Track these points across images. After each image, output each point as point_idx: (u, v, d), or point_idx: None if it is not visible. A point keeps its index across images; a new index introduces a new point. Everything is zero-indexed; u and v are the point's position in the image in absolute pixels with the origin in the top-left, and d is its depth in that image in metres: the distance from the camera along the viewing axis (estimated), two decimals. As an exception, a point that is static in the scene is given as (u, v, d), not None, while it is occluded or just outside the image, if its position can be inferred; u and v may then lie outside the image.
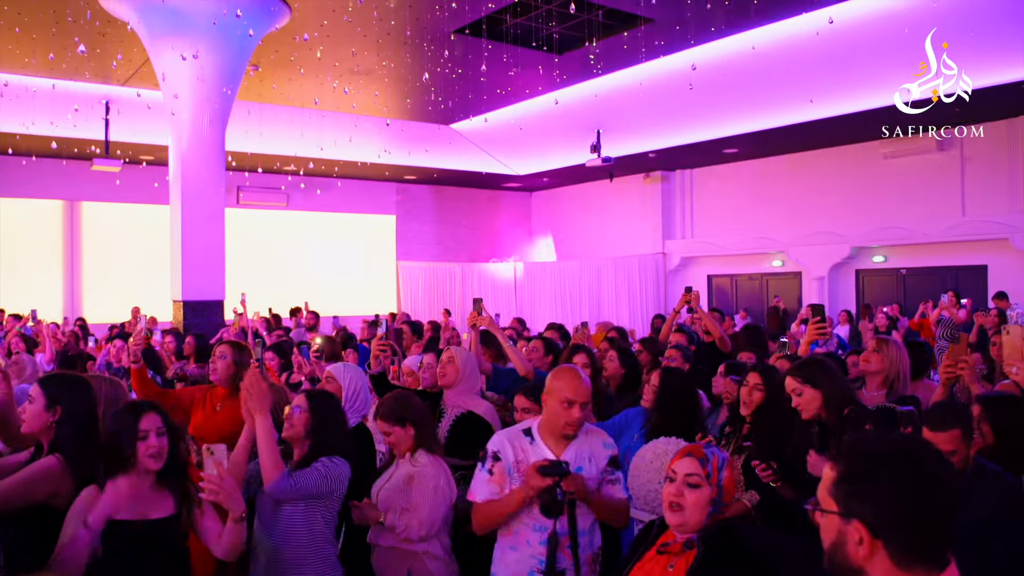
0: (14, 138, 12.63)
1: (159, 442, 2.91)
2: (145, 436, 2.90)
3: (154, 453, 2.90)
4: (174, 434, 3.01)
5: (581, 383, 3.09)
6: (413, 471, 3.61)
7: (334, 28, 10.45)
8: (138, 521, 2.86)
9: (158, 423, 2.94)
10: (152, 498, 2.92)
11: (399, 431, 3.67)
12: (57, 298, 15.69)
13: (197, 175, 9.85)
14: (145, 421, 2.92)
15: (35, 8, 9.51)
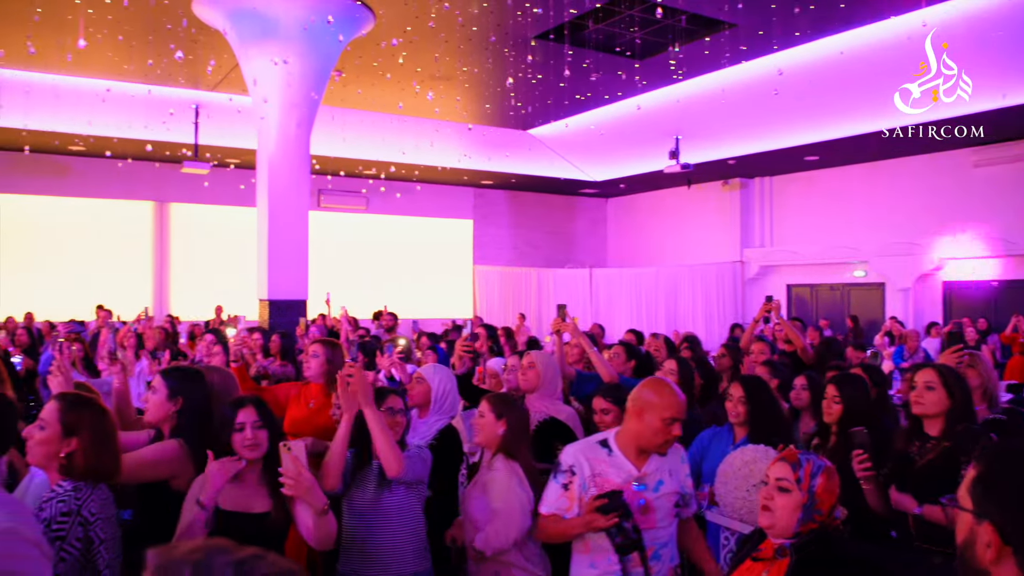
0: (112, 141, 13.15)
1: (255, 435, 2.99)
2: (242, 428, 2.99)
3: (249, 444, 2.97)
4: (272, 428, 3.08)
5: (682, 400, 3.00)
6: (488, 478, 3.62)
7: (417, 34, 10.60)
8: (240, 513, 2.94)
9: (254, 416, 3.01)
10: (255, 492, 2.99)
11: (492, 421, 3.68)
12: (146, 296, 16.24)
13: (283, 178, 10.10)
14: (242, 414, 3.01)
15: (134, 17, 9.88)
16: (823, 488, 2.41)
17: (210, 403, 3.43)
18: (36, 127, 12.69)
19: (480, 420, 3.67)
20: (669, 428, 2.94)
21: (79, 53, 10.27)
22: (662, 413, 2.94)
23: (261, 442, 3.00)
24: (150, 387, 3.46)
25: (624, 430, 3.06)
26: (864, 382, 4.21)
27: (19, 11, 9.55)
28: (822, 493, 2.41)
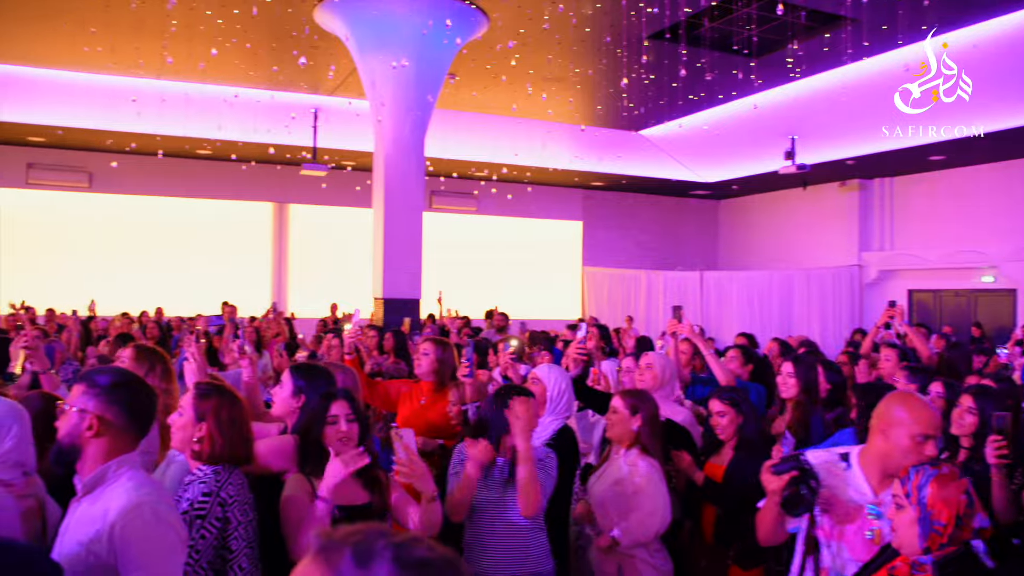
0: (237, 145, 13.73)
1: (348, 428, 3.03)
2: (335, 420, 3.03)
3: (343, 437, 3.01)
4: (364, 423, 3.12)
5: (935, 414, 2.71)
6: (625, 473, 3.61)
7: (531, 36, 10.66)
8: (345, 505, 2.97)
9: (347, 410, 3.06)
10: (352, 484, 3.00)
11: (626, 416, 3.65)
12: (265, 294, 16.86)
13: (398, 180, 10.33)
14: (336, 407, 3.06)
15: (260, 26, 10.30)
16: (935, 498, 2.25)
17: None
18: (169, 132, 13.39)
19: (613, 416, 3.67)
20: (920, 447, 2.63)
21: (210, 61, 10.77)
22: (911, 429, 2.65)
23: (354, 436, 3.04)
24: (278, 382, 3.57)
25: (868, 449, 2.79)
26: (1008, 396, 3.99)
27: (157, 24, 10.08)
28: (935, 503, 2.25)
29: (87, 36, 10.86)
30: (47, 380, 4.25)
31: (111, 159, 14.82)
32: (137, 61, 11.60)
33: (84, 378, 2.30)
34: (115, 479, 2.22)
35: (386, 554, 0.92)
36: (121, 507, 2.13)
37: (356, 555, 0.91)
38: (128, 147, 14.47)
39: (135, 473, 2.27)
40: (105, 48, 11.09)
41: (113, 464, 2.23)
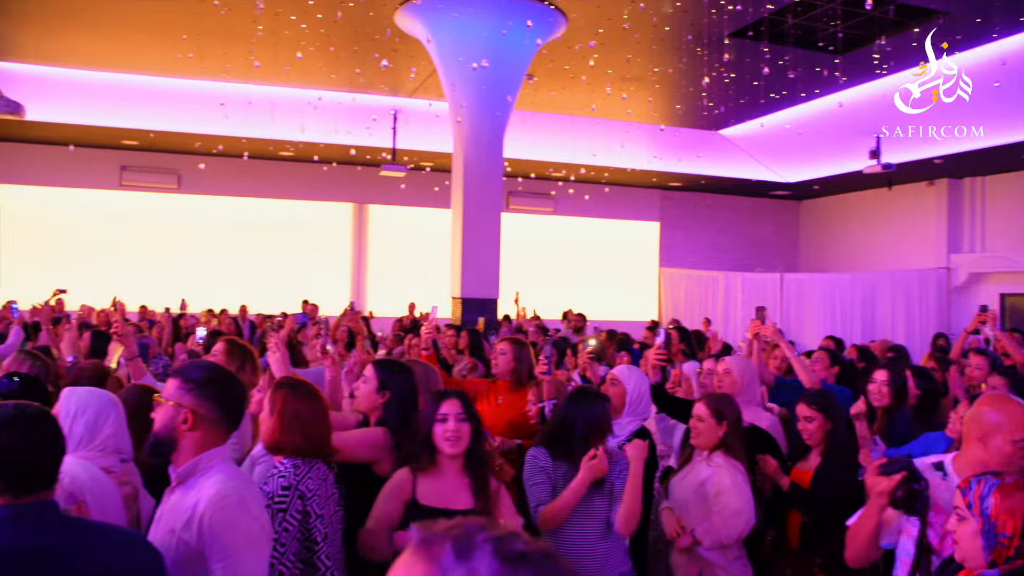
0: (319, 147, 14.02)
1: (457, 427, 2.99)
2: (444, 419, 3.00)
3: (451, 437, 2.98)
4: (475, 423, 3.07)
5: None
6: (708, 475, 3.57)
7: (610, 35, 10.62)
8: (441, 509, 2.92)
9: (459, 409, 3.02)
10: (457, 488, 2.99)
11: (713, 425, 3.61)
12: (344, 293, 17.17)
13: (477, 180, 10.41)
14: (447, 405, 3.02)
15: (343, 30, 10.51)
16: (998, 508, 2.12)
17: (416, 397, 3.51)
18: (254, 135, 13.77)
19: (700, 424, 3.63)
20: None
21: (295, 65, 11.03)
22: (1012, 434, 2.52)
23: (463, 436, 3.00)
24: (362, 377, 3.62)
25: (965, 457, 2.66)
26: None
27: (244, 30, 10.36)
28: (999, 514, 2.12)
29: (178, 43, 11.24)
30: (134, 367, 4.41)
31: (199, 161, 15.31)
32: (224, 66, 11.95)
33: (179, 373, 2.38)
34: (207, 471, 2.29)
35: (487, 547, 0.92)
36: (210, 497, 2.21)
37: (456, 548, 0.91)
38: (215, 149, 14.91)
39: (226, 466, 2.35)
40: (195, 54, 11.47)
41: (205, 456, 2.30)
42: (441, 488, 3.00)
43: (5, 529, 1.78)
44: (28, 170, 15.89)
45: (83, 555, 1.84)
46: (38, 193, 16.07)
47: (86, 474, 2.45)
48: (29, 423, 1.87)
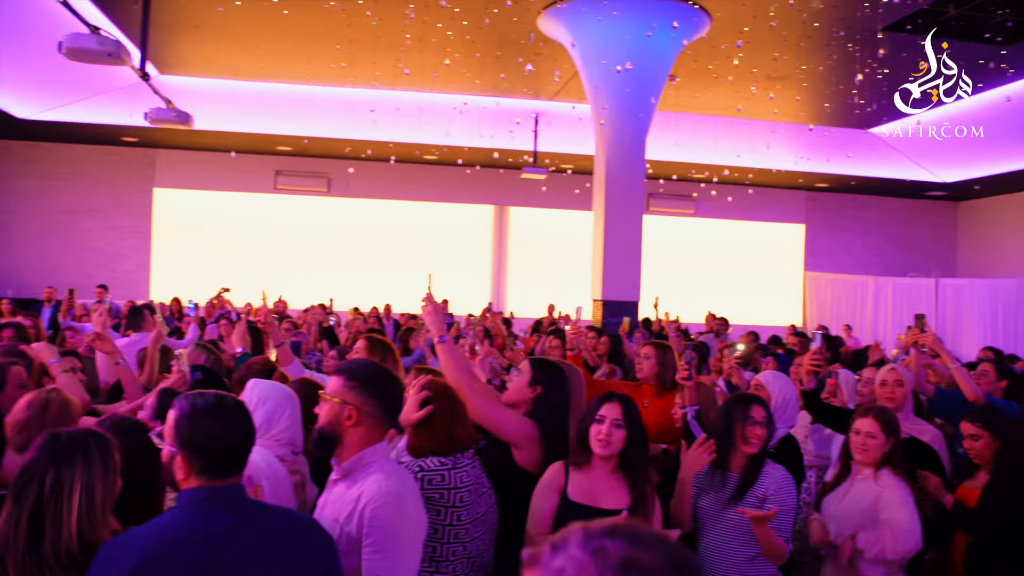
0: (463, 150, 14.35)
1: (610, 432, 2.99)
2: (601, 421, 3.02)
3: (602, 439, 2.99)
4: (634, 430, 3.05)
5: None
6: (877, 493, 3.43)
7: (755, 34, 10.38)
8: (587, 506, 2.96)
9: (617, 414, 3.01)
10: (607, 487, 3.00)
11: (882, 441, 3.48)
12: (485, 294, 17.47)
13: (619, 182, 10.40)
14: (607, 408, 3.03)
15: (488, 36, 10.71)
16: None
17: (567, 398, 3.52)
18: (401, 139, 14.23)
19: (870, 440, 3.49)
20: None
21: (442, 71, 11.33)
22: None
23: (614, 441, 3.00)
24: (517, 369, 3.68)
25: None
26: None
27: (393, 38, 10.73)
28: None
29: (331, 54, 11.76)
30: (281, 353, 4.65)
31: (348, 165, 15.96)
32: (374, 74, 12.40)
33: (343, 371, 2.50)
34: (369, 466, 2.41)
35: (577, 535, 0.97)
36: (373, 493, 2.33)
37: (552, 545, 0.97)
38: (364, 154, 15.49)
39: (387, 462, 2.47)
40: (347, 63, 11.96)
41: (368, 452, 2.43)
42: (590, 486, 3.02)
43: (200, 509, 1.93)
44: (193, 175, 17.02)
45: (266, 536, 1.97)
46: (201, 197, 17.17)
47: (263, 461, 2.63)
48: (227, 412, 2.02)
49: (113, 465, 2.10)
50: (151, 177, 17.10)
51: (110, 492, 2.07)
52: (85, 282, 14.95)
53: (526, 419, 3.36)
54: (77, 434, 2.11)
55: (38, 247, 16.59)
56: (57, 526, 1.96)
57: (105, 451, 2.09)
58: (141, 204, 17.10)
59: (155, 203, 17.17)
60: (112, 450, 2.12)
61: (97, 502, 2.02)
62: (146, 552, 1.82)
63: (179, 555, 1.84)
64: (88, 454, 2.04)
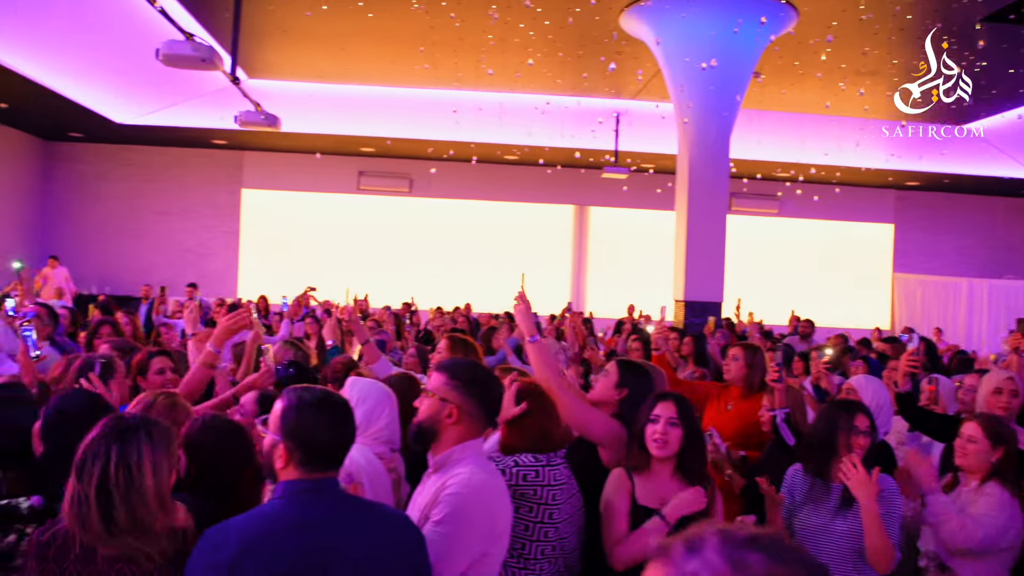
0: (544, 150, 14.36)
1: (666, 431, 2.94)
2: (656, 420, 2.97)
3: (658, 439, 2.95)
4: (689, 428, 3.00)
5: None
6: (969, 499, 3.29)
7: (844, 28, 10.11)
8: (655, 509, 2.92)
9: (672, 412, 2.97)
10: (671, 490, 2.95)
11: (987, 448, 3.32)
12: (564, 293, 17.45)
13: (702, 182, 10.26)
14: (661, 407, 2.99)
15: (570, 35, 10.70)
16: None
17: None
18: (483, 140, 14.33)
19: (971, 445, 3.33)
20: None
21: (525, 71, 11.36)
22: None
23: (671, 440, 2.95)
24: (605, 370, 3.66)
25: None
26: None
27: (475, 39, 10.81)
28: None
29: (414, 55, 11.91)
30: (368, 351, 4.71)
31: (430, 166, 16.15)
32: (456, 75, 12.52)
33: (446, 369, 2.53)
34: (460, 461, 2.43)
35: (714, 538, 0.94)
36: (455, 482, 2.36)
37: (687, 545, 0.94)
38: (446, 154, 15.65)
39: (478, 458, 2.49)
40: (430, 64, 12.09)
41: (459, 448, 2.45)
42: (656, 489, 2.99)
43: (298, 500, 1.98)
44: (280, 176, 17.48)
45: (360, 529, 2.01)
46: (287, 197, 17.61)
47: (363, 458, 2.68)
48: (332, 408, 2.07)
49: (172, 450, 2.15)
50: (239, 178, 17.62)
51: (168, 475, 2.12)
52: (177, 280, 15.49)
53: (614, 420, 3.34)
54: (137, 417, 2.19)
55: (133, 246, 17.27)
56: (128, 500, 2.02)
57: (164, 435, 2.15)
58: (230, 205, 17.64)
59: (243, 203, 17.68)
60: (171, 436, 2.18)
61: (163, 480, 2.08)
62: (246, 540, 1.87)
63: (277, 544, 1.89)
64: (150, 434, 2.10)
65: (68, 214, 17.46)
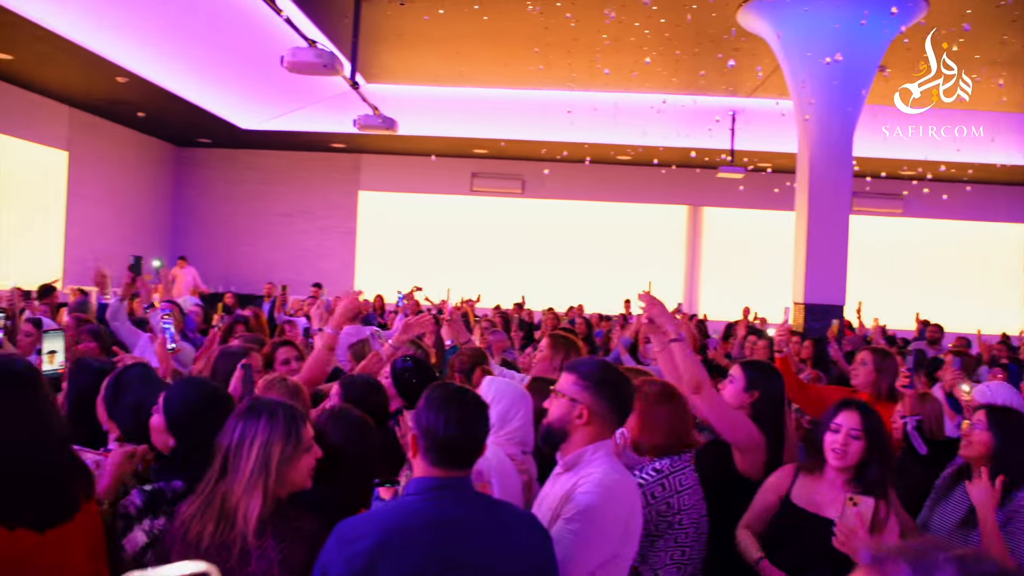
0: (658, 150, 14.21)
1: (847, 441, 2.86)
2: (837, 430, 2.89)
3: (837, 450, 2.86)
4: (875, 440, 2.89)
5: None
6: None
7: (979, 16, 9.62)
8: (811, 513, 2.87)
9: (855, 423, 2.87)
10: (834, 498, 2.85)
11: None
12: (677, 295, 17.20)
13: (824, 180, 9.95)
14: (842, 416, 2.91)
15: (686, 33, 10.53)
16: None
17: (784, 398, 3.47)
18: (596, 140, 14.28)
19: None
20: None
21: (642, 69, 11.24)
22: None
23: (851, 452, 2.86)
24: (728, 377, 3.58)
25: None
26: None
27: (590, 39, 10.77)
28: None
29: (529, 56, 11.96)
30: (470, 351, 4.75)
31: (543, 167, 16.19)
32: (570, 75, 12.50)
33: (576, 370, 2.50)
34: (592, 462, 2.40)
35: (949, 568, 0.86)
36: (588, 482, 2.33)
37: (915, 568, 0.87)
38: (560, 155, 15.66)
39: (610, 459, 2.45)
40: (544, 65, 12.12)
41: (590, 448, 2.42)
42: (816, 493, 2.91)
43: (430, 498, 2.01)
44: (395, 178, 17.89)
45: (490, 528, 2.03)
46: (402, 199, 18.00)
47: (495, 458, 2.70)
48: (463, 405, 2.09)
49: (298, 435, 2.19)
50: (356, 180, 18.11)
51: (288, 459, 2.16)
52: (297, 279, 16.04)
53: (757, 433, 3.26)
54: (271, 401, 2.27)
55: (257, 247, 17.99)
56: (234, 473, 2.12)
57: (292, 420, 2.20)
58: (347, 206, 18.16)
59: (359, 205, 18.16)
60: (300, 423, 2.22)
61: (273, 462, 2.12)
62: (381, 534, 1.92)
63: (410, 540, 1.93)
64: (274, 418, 2.16)
65: (196, 216, 18.33)
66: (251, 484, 2.09)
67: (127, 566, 2.13)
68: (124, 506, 2.27)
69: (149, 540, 2.22)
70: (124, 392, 2.70)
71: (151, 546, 2.21)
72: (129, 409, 2.67)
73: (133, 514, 2.24)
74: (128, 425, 2.67)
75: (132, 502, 2.27)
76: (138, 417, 2.61)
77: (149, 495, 2.29)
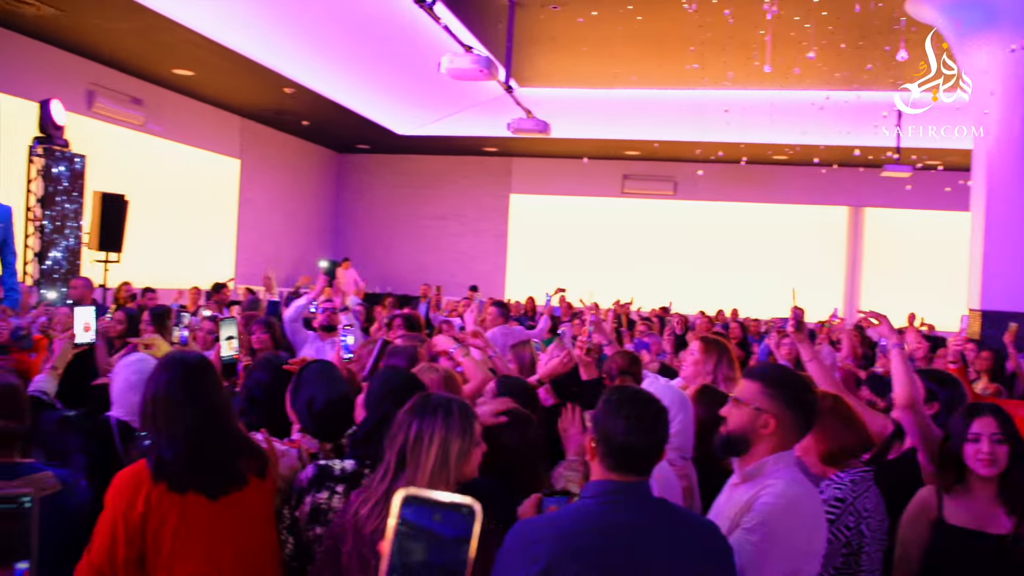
0: (818, 149, 13.70)
1: (992, 449, 2.69)
2: (976, 439, 2.72)
3: (985, 458, 2.69)
4: (1017, 443, 2.74)
5: None
6: None
7: None
8: (973, 531, 2.72)
9: (994, 428, 2.71)
10: (988, 510, 2.72)
11: None
12: (837, 298, 16.49)
13: (1004, 178, 9.31)
14: (978, 424, 2.73)
15: (847, 25, 10.09)
16: None
17: None
18: (753, 140, 13.90)
19: None
20: None
21: (804, 65, 10.84)
22: None
23: (999, 458, 2.69)
24: None
25: None
26: None
27: (746, 37, 10.49)
28: None
29: (684, 55, 11.77)
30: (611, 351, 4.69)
31: (695, 168, 15.92)
32: (726, 73, 12.21)
33: (759, 377, 2.43)
34: (774, 473, 2.32)
35: None
36: (770, 492, 2.25)
37: None
38: (714, 156, 15.35)
39: (793, 470, 2.36)
40: (700, 64, 11.90)
41: (773, 459, 2.34)
42: (972, 508, 2.74)
43: (606, 502, 2.00)
44: (546, 181, 18.03)
45: (670, 535, 2.00)
46: (553, 201, 18.13)
47: (655, 463, 2.66)
48: (637, 409, 2.07)
49: (471, 431, 2.23)
50: (508, 184, 18.38)
51: (464, 454, 2.20)
52: (450, 281, 16.44)
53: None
54: (443, 397, 2.31)
55: (412, 249, 18.56)
56: (414, 469, 2.17)
57: (465, 417, 2.24)
58: (498, 209, 18.45)
59: (511, 208, 18.41)
60: (472, 419, 2.26)
61: (451, 458, 2.16)
62: (560, 538, 1.93)
63: (588, 543, 1.93)
64: (449, 415, 2.20)
65: (355, 219, 19.11)
66: (432, 481, 2.15)
67: (299, 533, 2.46)
68: (300, 479, 2.52)
69: (311, 511, 2.44)
70: (303, 387, 2.86)
71: (314, 517, 2.43)
72: (304, 403, 2.84)
73: (305, 487, 2.49)
74: (303, 417, 2.86)
75: (306, 475, 2.51)
76: (311, 410, 2.82)
77: (319, 469, 2.49)
